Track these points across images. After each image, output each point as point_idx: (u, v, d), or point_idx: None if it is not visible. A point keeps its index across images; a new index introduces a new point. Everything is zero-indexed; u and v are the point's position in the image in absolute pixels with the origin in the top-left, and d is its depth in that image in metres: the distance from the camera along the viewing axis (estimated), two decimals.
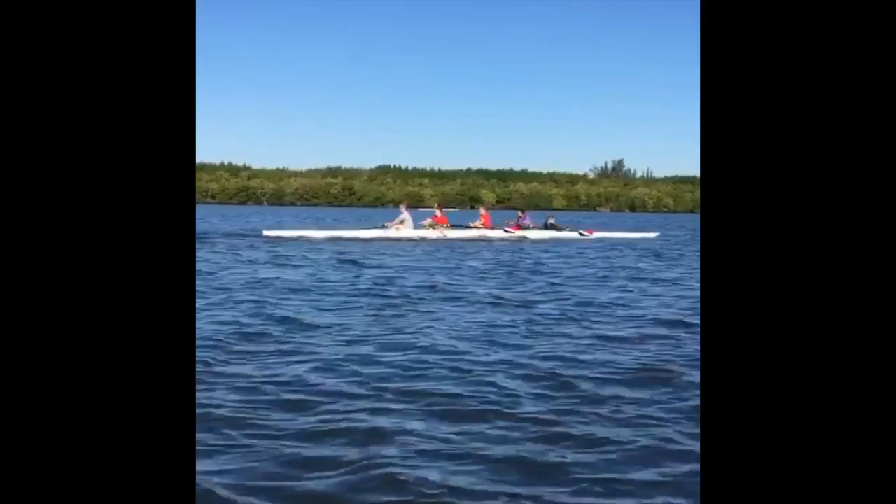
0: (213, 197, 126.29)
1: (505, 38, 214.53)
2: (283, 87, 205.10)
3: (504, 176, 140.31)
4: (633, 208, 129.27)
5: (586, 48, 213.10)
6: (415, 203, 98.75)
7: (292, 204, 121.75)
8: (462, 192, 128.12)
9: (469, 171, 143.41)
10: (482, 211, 22.34)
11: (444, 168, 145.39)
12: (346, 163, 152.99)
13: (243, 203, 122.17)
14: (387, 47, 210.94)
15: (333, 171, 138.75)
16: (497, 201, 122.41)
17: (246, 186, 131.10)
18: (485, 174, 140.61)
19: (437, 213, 21.36)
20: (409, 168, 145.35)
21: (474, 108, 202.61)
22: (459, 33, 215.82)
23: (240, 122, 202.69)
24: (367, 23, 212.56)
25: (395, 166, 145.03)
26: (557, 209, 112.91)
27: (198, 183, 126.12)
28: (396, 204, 24.19)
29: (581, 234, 22.77)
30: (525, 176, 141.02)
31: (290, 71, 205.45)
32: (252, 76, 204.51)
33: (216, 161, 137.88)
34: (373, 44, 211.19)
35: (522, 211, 23.63)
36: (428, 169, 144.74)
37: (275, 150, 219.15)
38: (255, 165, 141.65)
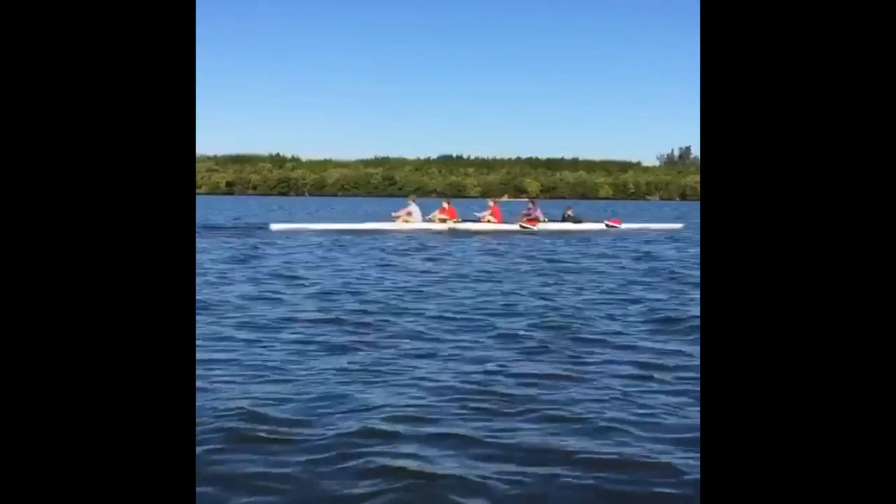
0: (254, 188, 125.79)
1: (575, 24, 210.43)
2: (332, 77, 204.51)
3: (553, 165, 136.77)
4: (683, 196, 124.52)
5: (653, 34, 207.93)
6: (456, 194, 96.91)
7: (333, 195, 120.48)
8: (506, 181, 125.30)
9: (518, 159, 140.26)
10: (490, 203, 21.60)
11: (499, 157, 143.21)
12: (395, 153, 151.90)
13: (284, 194, 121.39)
14: (442, 37, 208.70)
15: (377, 162, 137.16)
16: (542, 190, 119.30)
17: (287, 178, 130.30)
18: (533, 163, 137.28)
19: (445, 205, 20.74)
20: (472, 157, 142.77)
21: (529, 95, 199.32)
22: (519, 21, 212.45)
23: (291, 113, 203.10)
24: (420, 12, 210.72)
25: (457, 156, 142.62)
26: (604, 198, 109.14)
27: (240, 175, 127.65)
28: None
29: (608, 225, 21.61)
30: (575, 164, 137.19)
31: (342, 61, 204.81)
32: (303, 67, 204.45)
33: (264, 153, 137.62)
34: (428, 32, 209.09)
35: (532, 202, 22.08)
36: (490, 158, 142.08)
37: (324, 140, 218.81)
38: (304, 156, 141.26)
